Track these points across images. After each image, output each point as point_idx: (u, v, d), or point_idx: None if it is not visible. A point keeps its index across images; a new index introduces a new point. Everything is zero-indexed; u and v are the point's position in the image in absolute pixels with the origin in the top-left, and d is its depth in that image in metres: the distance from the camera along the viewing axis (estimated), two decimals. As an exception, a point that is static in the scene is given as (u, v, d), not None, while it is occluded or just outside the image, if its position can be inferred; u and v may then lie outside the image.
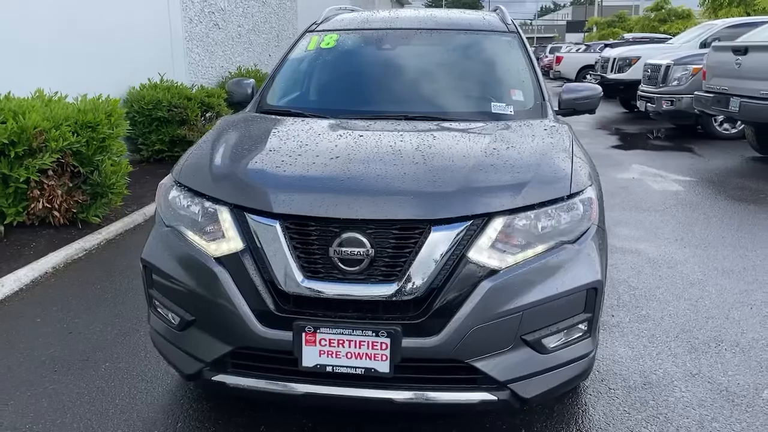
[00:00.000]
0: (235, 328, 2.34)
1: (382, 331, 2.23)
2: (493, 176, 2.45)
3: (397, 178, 2.41)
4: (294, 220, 2.33)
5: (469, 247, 2.27)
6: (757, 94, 7.83)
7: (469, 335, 2.23)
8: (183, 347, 2.53)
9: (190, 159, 2.81)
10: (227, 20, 11.56)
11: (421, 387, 2.32)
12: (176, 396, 3.02)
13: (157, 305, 2.67)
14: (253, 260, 2.35)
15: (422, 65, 3.72)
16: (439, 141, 2.79)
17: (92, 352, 3.45)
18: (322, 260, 2.30)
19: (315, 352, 2.28)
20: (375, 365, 2.26)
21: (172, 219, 2.62)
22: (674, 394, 3.02)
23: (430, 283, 2.25)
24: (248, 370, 2.44)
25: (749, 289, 4.33)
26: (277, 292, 2.33)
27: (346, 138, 2.82)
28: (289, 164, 2.56)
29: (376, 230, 2.28)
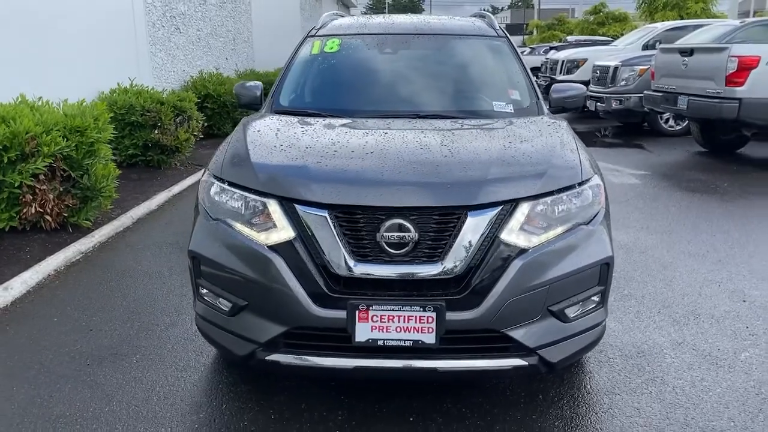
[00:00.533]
0: (291, 310, 2.55)
1: (429, 306, 2.48)
2: (516, 167, 2.75)
3: (434, 169, 2.68)
4: (343, 209, 2.56)
5: (501, 230, 2.55)
6: (704, 93, 8.43)
7: (504, 307, 2.51)
8: (235, 331, 2.72)
9: (228, 157, 2.99)
10: (187, 24, 11.58)
11: (462, 356, 2.59)
12: (214, 381, 3.19)
13: (204, 294, 2.85)
14: (305, 247, 2.57)
15: (426, 67, 4.00)
16: (459, 136, 3.07)
17: (118, 346, 3.57)
18: (370, 245, 2.54)
19: (367, 327, 2.51)
20: (422, 337, 2.51)
21: (219, 212, 2.80)
22: (666, 360, 3.38)
23: (469, 263, 2.52)
24: (300, 348, 2.65)
25: (714, 269, 4.77)
26: (330, 275, 2.55)
27: (374, 135, 3.06)
28: (330, 159, 2.78)
29: (418, 216, 2.54)
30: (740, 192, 7.30)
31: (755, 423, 2.82)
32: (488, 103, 3.70)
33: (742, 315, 3.96)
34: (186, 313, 3.99)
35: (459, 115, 3.52)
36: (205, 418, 2.89)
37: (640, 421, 2.83)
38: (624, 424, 2.82)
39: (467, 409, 2.94)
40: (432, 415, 2.88)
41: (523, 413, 2.90)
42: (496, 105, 3.66)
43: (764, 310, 4.02)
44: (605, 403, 2.98)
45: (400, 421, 2.84)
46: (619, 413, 2.90)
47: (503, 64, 4.01)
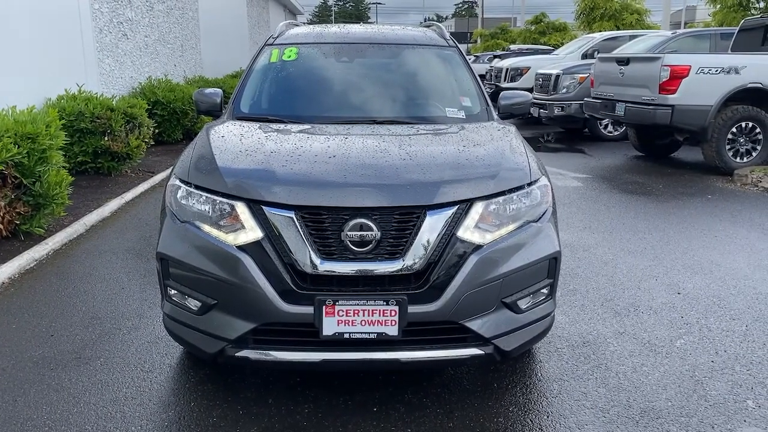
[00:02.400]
0: (260, 307, 2.67)
1: (392, 300, 2.64)
2: (470, 169, 2.94)
3: (394, 172, 2.85)
4: (308, 210, 2.70)
5: (457, 228, 2.74)
6: (639, 100, 8.89)
7: (462, 300, 2.69)
8: (204, 329, 2.82)
9: (194, 161, 3.08)
10: (135, 30, 11.47)
11: (423, 347, 2.76)
12: (181, 381, 3.27)
13: (173, 294, 2.94)
14: (273, 247, 2.70)
15: (381, 76, 4.17)
16: (415, 141, 3.24)
17: (81, 351, 3.60)
18: (335, 243, 2.69)
19: (334, 322, 2.65)
20: (385, 330, 2.67)
21: (186, 215, 2.90)
22: (609, 349, 3.63)
23: (429, 259, 2.70)
24: (269, 344, 2.77)
25: (652, 264, 5.09)
26: (297, 273, 2.69)
27: (335, 140, 3.21)
28: (294, 163, 2.91)
29: (380, 216, 2.69)
30: (675, 193, 7.73)
31: (690, 402, 3.08)
32: (441, 110, 3.90)
33: (677, 306, 4.26)
34: (148, 317, 4.03)
35: (414, 121, 3.70)
36: (174, 415, 2.97)
37: (587, 404, 3.05)
38: (573, 407, 3.03)
39: (427, 398, 3.10)
40: (395, 405, 3.04)
41: (480, 401, 3.09)
42: (448, 111, 3.86)
43: (697, 301, 4.33)
44: (555, 389, 3.19)
45: (364, 412, 2.98)
46: (567, 398, 3.11)
47: (454, 72, 4.21)
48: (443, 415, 2.96)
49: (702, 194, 7.72)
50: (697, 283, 4.70)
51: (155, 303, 4.26)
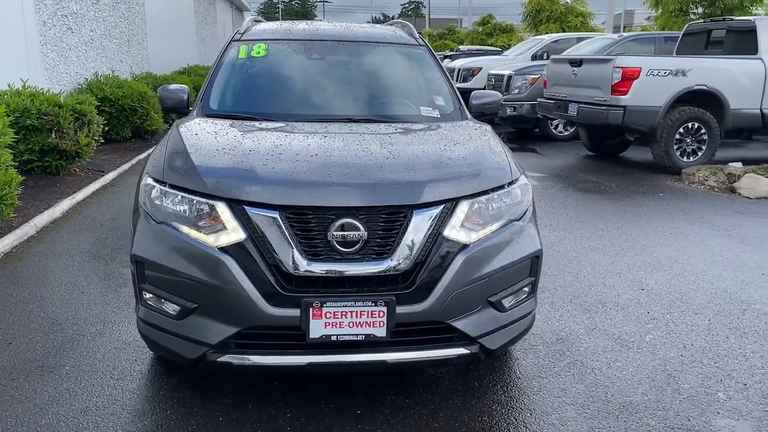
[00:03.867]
0: (244, 310, 2.59)
1: (380, 301, 2.61)
2: (454, 168, 2.93)
3: (379, 171, 2.81)
4: (293, 210, 2.64)
5: (443, 227, 2.72)
6: (592, 101, 9.10)
7: (449, 300, 2.68)
8: (184, 334, 2.72)
9: (168, 160, 2.97)
10: (80, 24, 11.06)
11: (409, 347, 2.73)
12: (154, 388, 3.15)
13: (148, 298, 2.82)
14: (256, 248, 2.62)
15: (354, 73, 4.11)
16: (396, 140, 3.21)
17: (44, 359, 3.43)
18: (321, 244, 2.63)
19: (321, 324, 2.60)
20: (373, 331, 2.63)
21: (162, 216, 2.79)
22: (582, 345, 3.69)
23: (416, 258, 2.67)
24: (253, 348, 2.69)
25: (613, 261, 5.21)
26: (282, 275, 2.62)
27: (314, 138, 3.15)
28: (276, 162, 2.84)
29: (367, 216, 2.65)
30: (628, 192, 7.95)
31: (665, 396, 3.15)
32: (415, 109, 3.88)
33: (643, 302, 4.37)
34: (113, 322, 3.88)
35: (389, 119, 3.67)
36: (150, 425, 2.85)
37: (567, 400, 3.09)
38: (554, 404, 3.06)
39: (410, 399, 3.08)
40: (378, 407, 3.00)
41: (462, 400, 3.08)
42: (423, 110, 3.85)
43: (660, 297, 4.45)
44: (535, 386, 3.22)
45: (347, 415, 2.94)
46: (548, 394, 3.14)
47: (427, 71, 4.20)
48: (428, 416, 2.95)
49: (653, 192, 7.96)
50: (658, 279, 4.83)
51: (119, 307, 4.11)
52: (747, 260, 5.29)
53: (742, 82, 8.96)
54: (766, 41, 9.09)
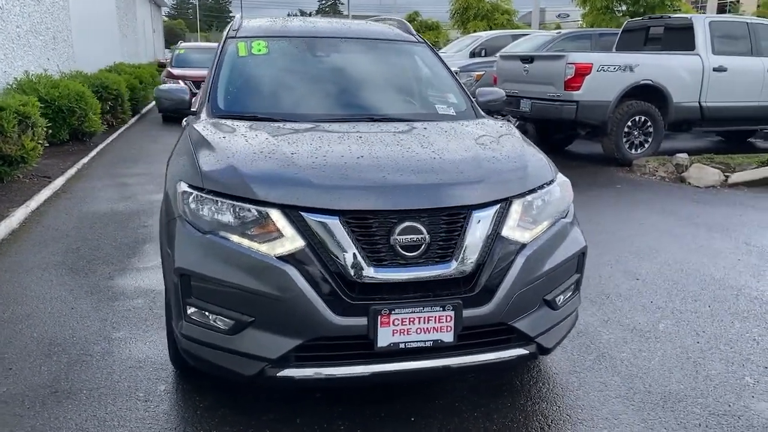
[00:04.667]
0: (308, 321, 2.47)
1: (448, 306, 2.54)
2: (503, 167, 2.90)
3: (433, 172, 2.74)
4: (354, 215, 2.53)
5: (501, 227, 2.68)
6: (545, 96, 9.31)
7: (512, 301, 2.65)
8: (238, 349, 2.56)
9: (204, 166, 2.78)
10: (6, 20, 10.31)
11: (472, 351, 2.68)
12: (189, 408, 2.96)
13: (193, 313, 2.64)
14: (317, 255, 2.50)
15: (363, 71, 4.01)
16: (432, 139, 3.14)
17: (54, 383, 3.16)
18: (384, 249, 2.54)
19: (389, 332, 2.51)
20: (441, 336, 2.56)
21: (208, 225, 2.62)
22: (603, 337, 3.75)
23: (478, 260, 2.62)
24: (314, 360, 2.57)
25: (601, 252, 5.34)
26: (345, 282, 2.51)
27: (350, 140, 3.04)
28: (325, 165, 2.72)
29: (429, 218, 2.58)
30: (586, 184, 8.17)
31: (698, 383, 3.25)
32: (431, 106, 3.83)
33: (642, 291, 4.50)
34: (118, 340, 3.63)
35: (409, 118, 3.60)
36: (198, 447, 2.68)
37: (611, 394, 3.13)
38: (599, 398, 3.10)
39: (459, 403, 3.04)
40: (430, 413, 2.94)
41: (511, 400, 3.07)
42: (439, 108, 3.80)
43: (657, 286, 4.60)
44: (575, 382, 3.24)
45: (403, 423, 2.86)
46: (590, 389, 3.17)
47: (433, 68, 4.15)
48: (483, 418, 2.91)
49: (611, 184, 8.23)
50: (648, 268, 4.98)
51: (118, 323, 3.85)
52: (721, 247, 5.54)
53: (683, 77, 9.40)
54: (702, 38, 9.58)
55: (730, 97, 9.68)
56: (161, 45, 41.74)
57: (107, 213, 6.42)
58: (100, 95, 11.99)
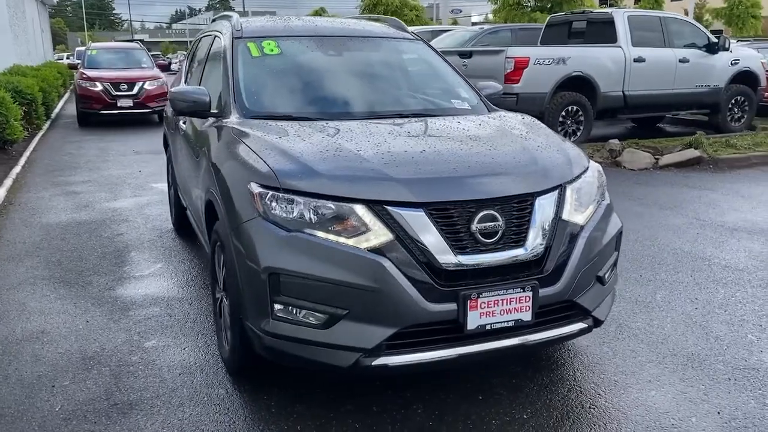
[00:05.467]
0: (404, 310, 2.58)
1: (527, 287, 2.73)
2: (553, 154, 3.11)
3: (496, 163, 2.92)
4: (436, 206, 2.66)
5: (561, 211, 2.90)
6: (486, 89, 9.68)
7: (577, 279, 2.87)
8: (333, 342, 2.63)
9: (276, 165, 2.81)
10: None
11: (544, 328, 2.87)
12: (264, 406, 2.97)
13: (279, 310, 2.68)
14: (405, 247, 2.61)
15: (378, 69, 4.11)
16: (477, 131, 3.31)
17: (109, 396, 3.07)
18: (466, 237, 2.69)
19: (477, 315, 2.66)
20: (521, 316, 2.75)
21: (292, 224, 2.67)
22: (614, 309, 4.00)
23: (546, 242, 2.82)
24: (404, 347, 2.67)
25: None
26: (434, 271, 2.64)
27: (402, 136, 3.17)
28: (396, 160, 2.83)
29: (502, 205, 2.76)
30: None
31: (712, 344, 3.61)
32: (448, 101, 3.99)
33: (627, 266, 4.86)
34: (153, 349, 3.56)
35: (435, 112, 3.75)
36: (290, 443, 2.72)
37: (644, 360, 3.42)
38: (636, 364, 3.38)
39: (517, 380, 3.23)
40: (495, 390, 3.12)
41: (561, 373, 3.30)
42: (455, 102, 3.97)
43: (639, 260, 4.99)
44: (609, 352, 3.52)
45: (473, 400, 3.02)
46: (625, 357, 3.45)
47: (438, 63, 4.31)
48: (545, 391, 3.12)
49: (555, 171, 8.70)
50: (625, 245, 5.35)
51: (145, 333, 3.76)
52: (678, 223, 6.05)
53: (609, 68, 10.06)
54: (622, 31, 10.28)
55: (648, 85, 10.45)
56: (50, 45, 39.39)
57: (71, 223, 6.13)
58: (14, 100, 11.28)
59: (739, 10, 33.47)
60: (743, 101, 11.56)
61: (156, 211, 6.55)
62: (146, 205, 6.80)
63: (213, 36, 4.59)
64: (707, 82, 11.04)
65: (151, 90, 14.00)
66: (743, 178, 8.23)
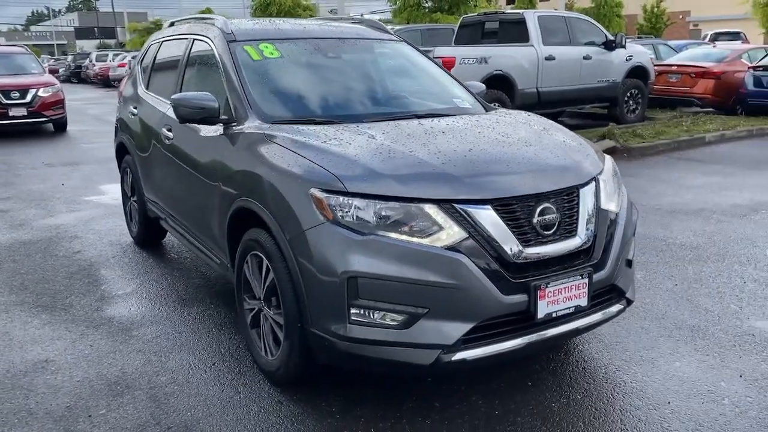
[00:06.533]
0: (483, 304, 2.68)
1: (585, 274, 2.90)
2: (579, 150, 3.30)
3: (541, 158, 3.07)
4: (501, 202, 2.77)
5: (599, 201, 3.09)
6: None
7: (619, 264, 3.07)
8: (413, 341, 2.67)
9: (337, 169, 2.79)
10: None
11: (593, 312, 3.05)
12: (325, 417, 2.95)
13: (356, 314, 2.68)
14: (477, 243, 2.70)
15: (381, 71, 4.14)
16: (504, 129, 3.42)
17: (155, 420, 2.92)
18: (529, 230, 2.82)
19: (545, 304, 2.80)
20: (579, 302, 2.91)
21: (362, 226, 2.67)
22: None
23: (592, 230, 3.00)
24: (479, 341, 2.75)
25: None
26: (504, 264, 2.74)
27: (442, 135, 3.22)
28: (454, 160, 2.91)
29: (555, 198, 2.91)
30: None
31: (704, 315, 3.96)
32: (450, 100, 4.09)
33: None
34: (178, 368, 3.40)
35: (446, 112, 3.82)
36: None
37: (655, 334, 3.70)
38: (649, 339, 3.66)
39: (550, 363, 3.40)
40: (540, 375, 3.26)
41: (590, 353, 3.50)
42: (456, 101, 4.07)
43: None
44: (622, 332, 3.76)
45: (525, 389, 3.15)
46: (637, 334, 3.72)
47: (428, 65, 4.41)
48: (586, 371, 3.30)
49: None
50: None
51: (160, 353, 3.58)
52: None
53: (524, 66, 10.60)
54: (534, 30, 10.86)
55: (558, 82, 11.10)
56: None
57: (15, 244, 5.65)
58: None
59: (605, 9, 36.01)
60: (637, 94, 12.53)
61: (105, 225, 6.17)
62: (90, 220, 6.39)
63: (190, 40, 4.42)
64: (607, 77, 11.88)
65: (46, 98, 13.02)
66: (657, 165, 8.97)
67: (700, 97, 13.37)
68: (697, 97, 13.42)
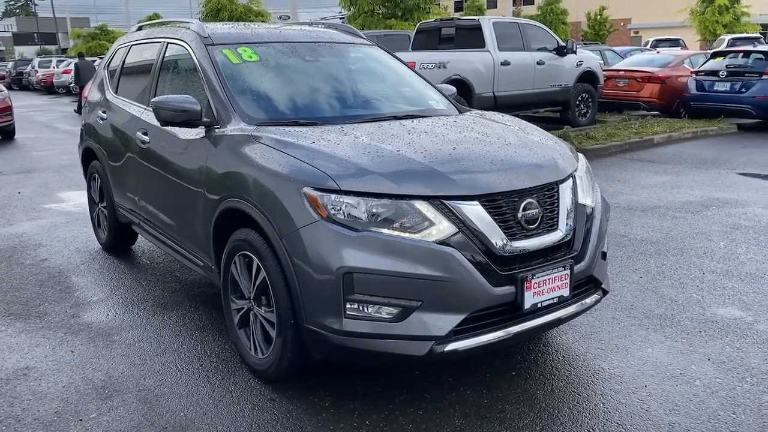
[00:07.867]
0: (474, 296, 2.79)
1: (567, 265, 3.04)
2: (556, 147, 3.45)
3: (521, 155, 3.20)
4: (487, 198, 2.89)
5: (576, 197, 3.25)
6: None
7: (596, 255, 3.23)
8: (407, 333, 2.76)
9: (332, 170, 2.85)
10: None
11: (573, 302, 3.19)
12: (319, 411, 3.00)
13: (351, 309, 2.75)
14: (467, 237, 2.81)
15: (360, 74, 4.23)
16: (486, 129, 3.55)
17: (148, 421, 2.92)
18: (514, 224, 2.94)
19: (531, 295, 2.93)
20: (562, 293, 3.05)
21: (355, 223, 2.75)
22: (577, 286, 4.50)
23: (572, 224, 3.15)
24: (469, 332, 2.86)
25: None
26: (492, 257, 2.85)
27: (426, 135, 3.33)
28: (442, 158, 3.02)
29: (537, 194, 3.05)
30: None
31: (668, 304, 4.17)
32: (425, 102, 4.20)
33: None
34: (163, 370, 3.40)
35: (424, 113, 3.94)
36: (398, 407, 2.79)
37: (626, 324, 3.88)
38: (621, 328, 3.83)
39: (539, 346, 3.53)
40: (534, 357, 3.39)
41: (568, 340, 3.65)
42: (431, 103, 4.19)
43: (571, 243, 5.52)
44: (595, 322, 3.93)
45: (526, 373, 3.27)
46: (610, 325, 3.89)
47: (401, 68, 4.51)
48: (567, 359, 3.45)
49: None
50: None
51: (146, 356, 3.57)
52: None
53: (481, 71, 10.83)
54: (489, 36, 11.11)
55: (513, 86, 11.38)
56: None
57: (-24, 253, 5.50)
58: None
59: (551, 17, 36.96)
60: (588, 98, 12.93)
61: (70, 233, 6.05)
62: (53, 228, 6.25)
63: (163, 43, 4.41)
64: (559, 81, 12.23)
65: (-7, 105, 12.65)
66: (611, 165, 9.30)
67: (646, 100, 13.88)
68: (644, 101, 13.93)
